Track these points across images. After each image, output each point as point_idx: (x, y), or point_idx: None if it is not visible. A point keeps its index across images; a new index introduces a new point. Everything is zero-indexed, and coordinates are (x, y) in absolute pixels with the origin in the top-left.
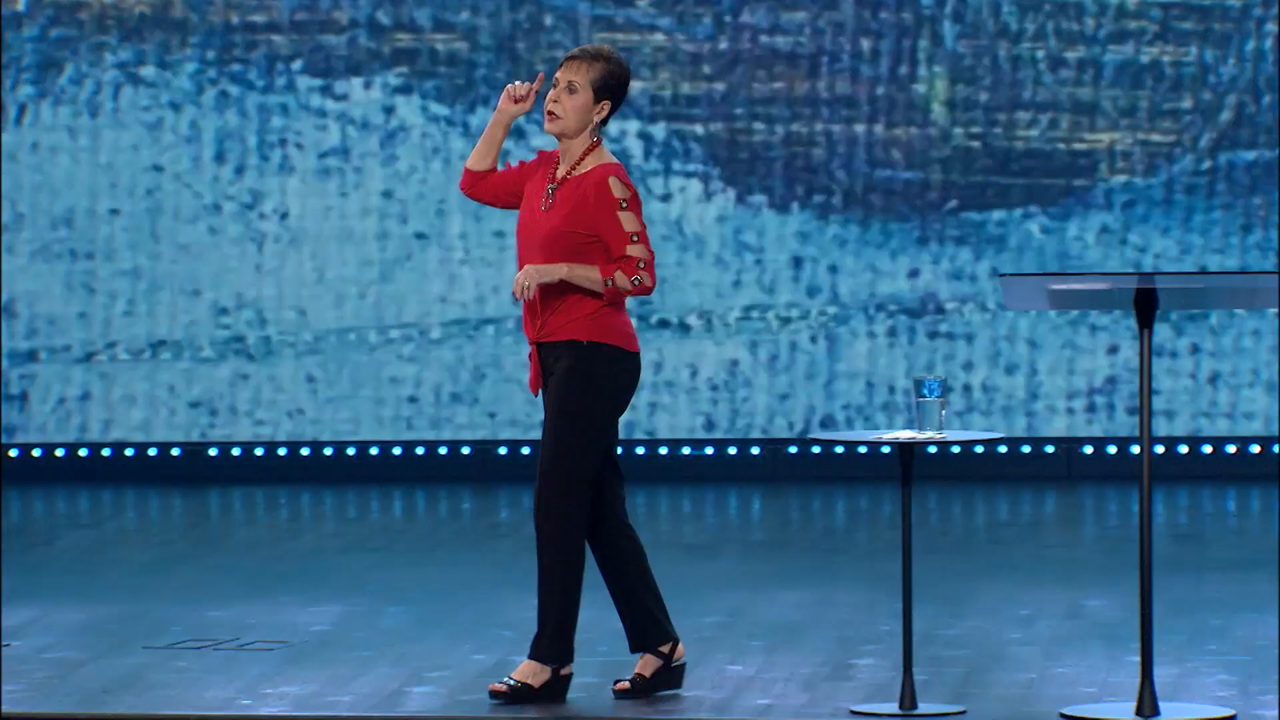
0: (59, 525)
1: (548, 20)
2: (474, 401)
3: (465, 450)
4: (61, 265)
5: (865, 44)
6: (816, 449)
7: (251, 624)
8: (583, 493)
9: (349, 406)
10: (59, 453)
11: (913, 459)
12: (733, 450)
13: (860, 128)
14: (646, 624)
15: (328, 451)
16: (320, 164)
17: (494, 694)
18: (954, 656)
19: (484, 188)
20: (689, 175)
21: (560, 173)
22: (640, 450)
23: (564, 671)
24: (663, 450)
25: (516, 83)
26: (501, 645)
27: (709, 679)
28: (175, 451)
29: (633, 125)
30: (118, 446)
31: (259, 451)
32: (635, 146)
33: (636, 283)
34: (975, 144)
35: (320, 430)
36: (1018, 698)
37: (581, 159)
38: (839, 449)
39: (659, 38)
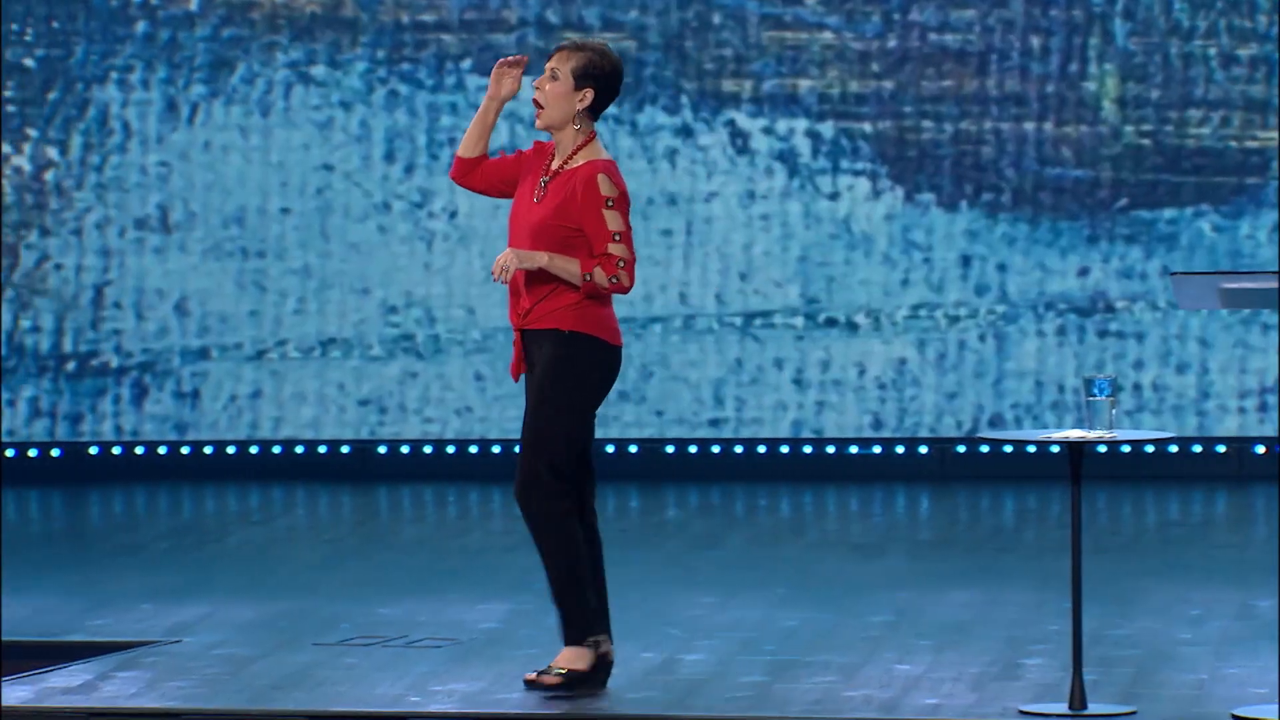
0: (230, 522)
1: (716, 19)
2: (641, 399)
3: (632, 449)
4: (233, 264)
5: (1035, 41)
6: (985, 448)
7: (420, 621)
8: (564, 476)
9: (517, 404)
10: (230, 450)
11: (1082, 458)
12: (900, 449)
13: (1030, 125)
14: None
15: (496, 449)
16: None
17: (532, 684)
18: (1124, 656)
19: (477, 176)
20: (857, 174)
21: (554, 165)
22: (807, 449)
23: (603, 650)
24: (830, 449)
25: (505, 58)
26: (669, 643)
27: (876, 678)
28: (344, 449)
29: (801, 124)
30: (288, 444)
31: (427, 449)
32: (803, 145)
33: (614, 281)
34: (1146, 142)
35: (488, 428)
36: (1188, 698)
37: (574, 153)
38: (1008, 448)
39: (827, 36)
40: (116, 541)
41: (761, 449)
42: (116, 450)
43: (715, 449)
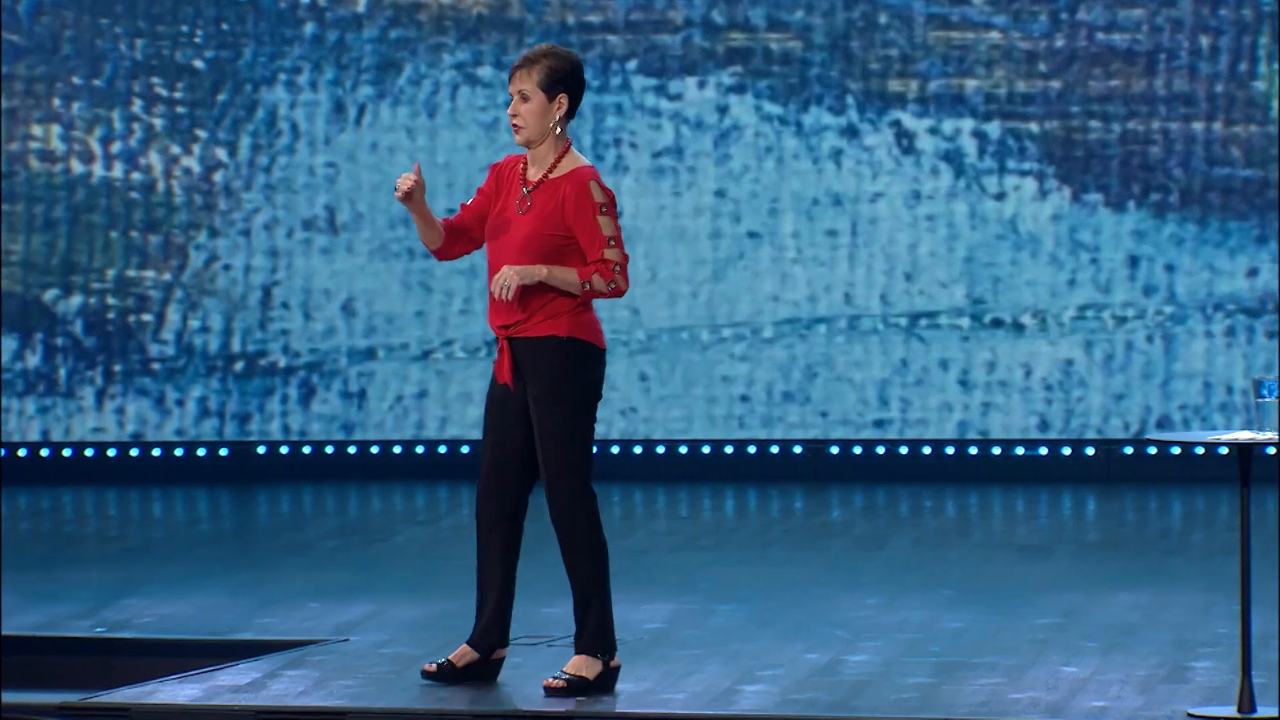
0: (396, 521)
1: (882, 19)
2: (805, 400)
3: (797, 449)
4: (399, 264)
5: (1204, 41)
6: (1152, 449)
7: None
8: (591, 480)
9: (681, 405)
10: (396, 450)
11: (1251, 460)
12: (1067, 450)
13: (1198, 125)
14: (500, 623)
15: (660, 450)
16: (654, 163)
17: (551, 690)
18: None
19: (459, 247)
20: (1024, 174)
21: (533, 176)
22: (973, 450)
23: (614, 663)
24: (995, 450)
25: (401, 175)
26: (834, 644)
27: (1043, 680)
28: None
29: (967, 124)
30: (453, 444)
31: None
32: (969, 145)
33: (611, 286)
34: None
35: (653, 429)
36: None
37: (557, 162)
38: (1175, 450)
39: (994, 35)
40: (284, 541)
41: (926, 450)
42: (284, 450)
43: (880, 450)
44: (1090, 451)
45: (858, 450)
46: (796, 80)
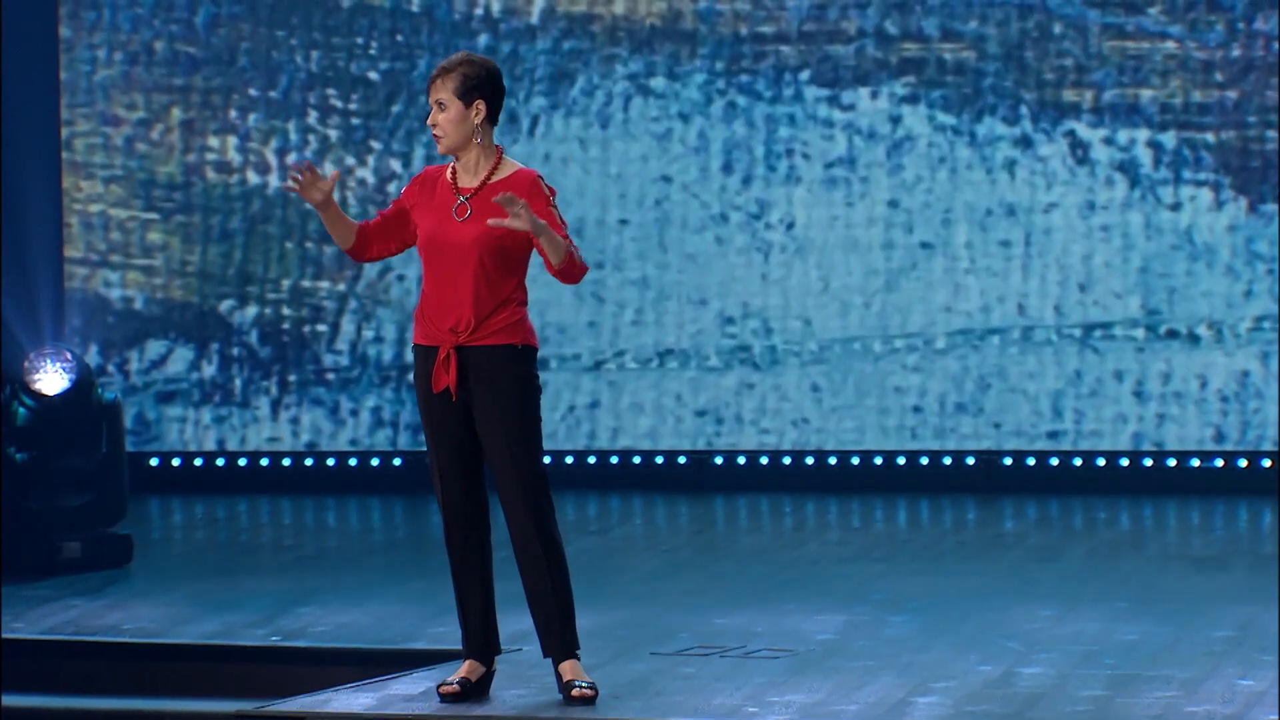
0: (569, 531)
1: (1056, 29)
2: (979, 411)
3: (970, 460)
4: None
5: None
6: None
7: (757, 631)
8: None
9: (853, 415)
10: (568, 459)
11: None
12: (1242, 462)
13: None
14: (494, 630)
15: (831, 460)
16: (826, 174)
17: (584, 699)
18: None
19: (374, 249)
20: (1199, 184)
21: (467, 183)
22: (1147, 462)
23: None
24: (1170, 462)
25: (296, 171)
26: (1007, 656)
27: (1219, 693)
28: (681, 459)
29: (1142, 134)
30: (625, 454)
31: (763, 460)
32: (1144, 155)
33: (582, 259)
34: None
35: (824, 439)
36: None
37: (495, 167)
38: None
39: (1170, 45)
40: None
41: (1100, 461)
42: None
43: (1053, 461)
44: (1266, 464)
45: (1031, 461)
46: (970, 90)
